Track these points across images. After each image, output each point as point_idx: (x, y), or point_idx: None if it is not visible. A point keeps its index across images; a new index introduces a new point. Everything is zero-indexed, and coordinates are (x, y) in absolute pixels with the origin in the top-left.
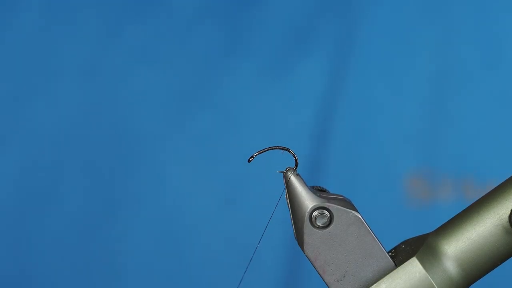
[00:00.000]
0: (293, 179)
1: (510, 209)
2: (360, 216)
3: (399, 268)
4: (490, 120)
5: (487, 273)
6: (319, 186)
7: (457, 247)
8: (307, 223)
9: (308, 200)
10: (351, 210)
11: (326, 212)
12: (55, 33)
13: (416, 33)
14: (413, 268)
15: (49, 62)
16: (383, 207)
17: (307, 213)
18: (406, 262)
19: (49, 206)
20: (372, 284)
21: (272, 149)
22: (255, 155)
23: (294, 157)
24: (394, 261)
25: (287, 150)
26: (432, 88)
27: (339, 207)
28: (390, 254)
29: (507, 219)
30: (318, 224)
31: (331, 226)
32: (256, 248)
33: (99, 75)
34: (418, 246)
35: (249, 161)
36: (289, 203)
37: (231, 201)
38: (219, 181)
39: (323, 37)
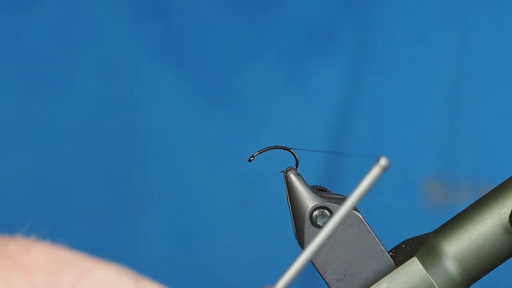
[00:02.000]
0: (294, 178)
1: (511, 209)
2: (360, 216)
3: (399, 267)
4: (509, 123)
5: (488, 273)
6: (320, 186)
7: (458, 247)
8: (307, 222)
9: (308, 200)
10: (351, 210)
11: (327, 212)
12: (73, 30)
13: (435, 36)
14: (414, 267)
15: (66, 59)
16: (401, 210)
17: (307, 213)
18: (406, 262)
19: (64, 203)
20: (372, 284)
21: (273, 148)
22: (255, 155)
23: (295, 156)
24: (394, 261)
25: (288, 149)
26: (451, 91)
27: (340, 206)
28: (390, 254)
29: (508, 219)
30: (319, 223)
31: None
32: None
33: (117, 73)
34: (418, 246)
35: (249, 160)
36: (289, 203)
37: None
38: (235, 181)
39: (341, 39)
